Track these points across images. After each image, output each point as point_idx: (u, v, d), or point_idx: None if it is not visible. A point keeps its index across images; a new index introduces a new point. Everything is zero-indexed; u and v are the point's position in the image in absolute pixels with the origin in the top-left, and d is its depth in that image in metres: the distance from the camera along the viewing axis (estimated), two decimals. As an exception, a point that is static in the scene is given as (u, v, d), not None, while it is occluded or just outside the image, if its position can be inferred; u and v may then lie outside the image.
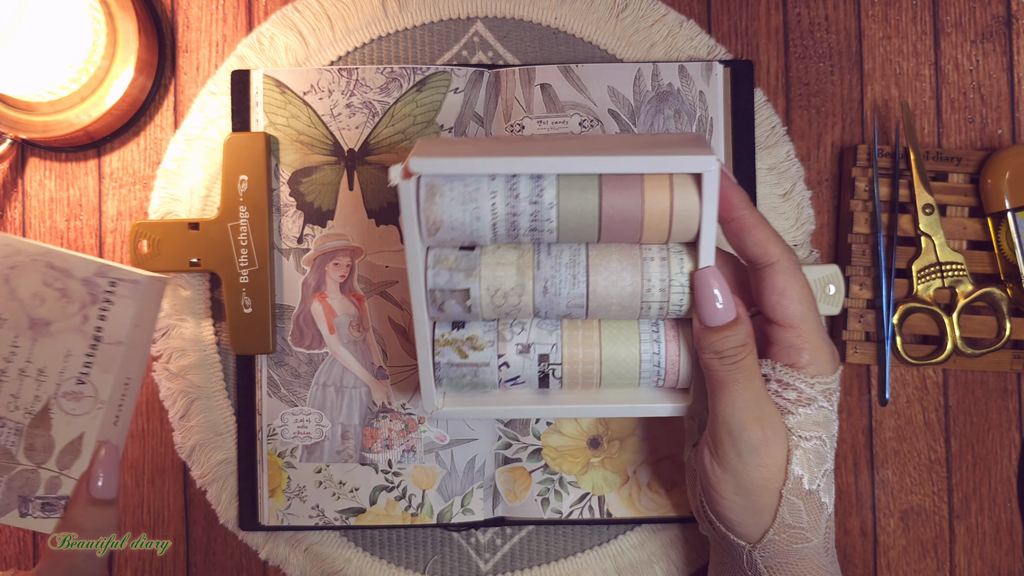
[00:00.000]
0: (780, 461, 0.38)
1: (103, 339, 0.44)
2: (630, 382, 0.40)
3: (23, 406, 0.43)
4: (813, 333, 0.39)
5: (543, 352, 0.39)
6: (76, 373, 0.44)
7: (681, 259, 0.39)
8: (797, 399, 0.39)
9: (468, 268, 0.38)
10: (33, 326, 0.43)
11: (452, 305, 0.38)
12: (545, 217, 0.37)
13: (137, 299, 0.44)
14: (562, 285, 0.38)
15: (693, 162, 0.36)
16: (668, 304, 0.39)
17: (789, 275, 0.38)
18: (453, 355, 0.39)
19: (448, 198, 0.36)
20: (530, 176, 0.37)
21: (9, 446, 0.43)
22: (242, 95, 0.51)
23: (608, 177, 0.37)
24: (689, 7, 0.53)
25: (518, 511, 0.51)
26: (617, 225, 0.37)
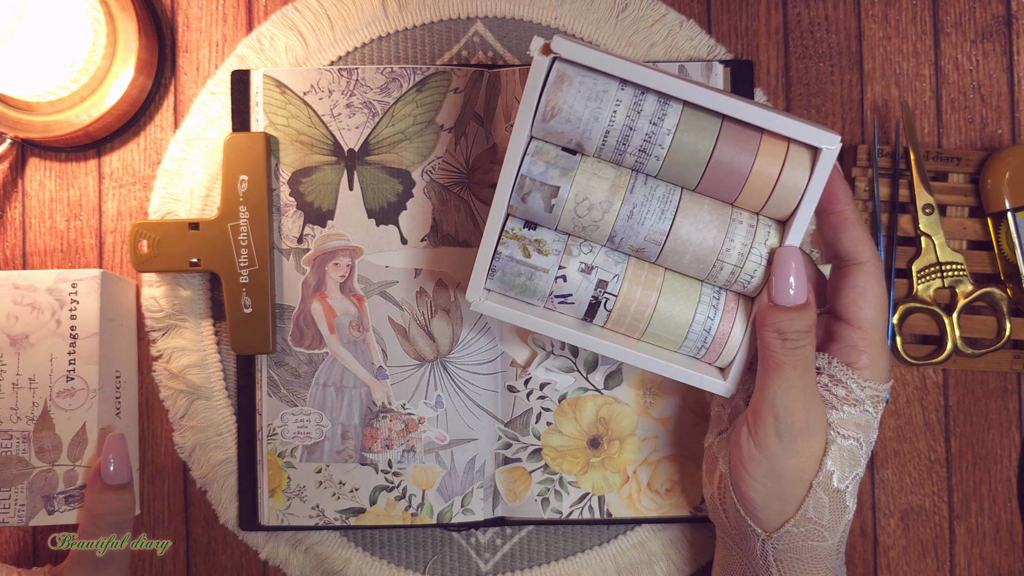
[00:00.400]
0: (817, 452, 0.38)
1: (79, 335, 0.47)
2: (672, 342, 0.40)
3: (24, 415, 0.47)
4: (878, 340, 0.39)
5: (604, 278, 0.39)
6: (64, 372, 0.47)
7: (768, 231, 0.38)
8: (845, 397, 0.39)
9: (565, 168, 0.37)
10: (14, 343, 0.47)
11: (536, 199, 0.38)
12: (658, 142, 0.36)
13: (99, 292, 0.47)
14: (648, 215, 0.37)
15: (818, 135, 0.36)
16: (740, 272, 0.38)
17: (872, 279, 0.39)
18: (517, 250, 0.39)
19: (576, 89, 0.36)
20: (658, 97, 0.36)
21: (21, 454, 0.47)
22: (242, 95, 0.51)
23: (729, 127, 0.37)
24: (689, 7, 0.53)
25: (518, 511, 0.51)
26: (722, 176, 0.37)
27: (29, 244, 0.53)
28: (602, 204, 0.37)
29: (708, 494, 0.45)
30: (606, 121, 0.36)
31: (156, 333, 0.52)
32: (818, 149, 0.37)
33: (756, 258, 0.38)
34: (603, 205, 0.37)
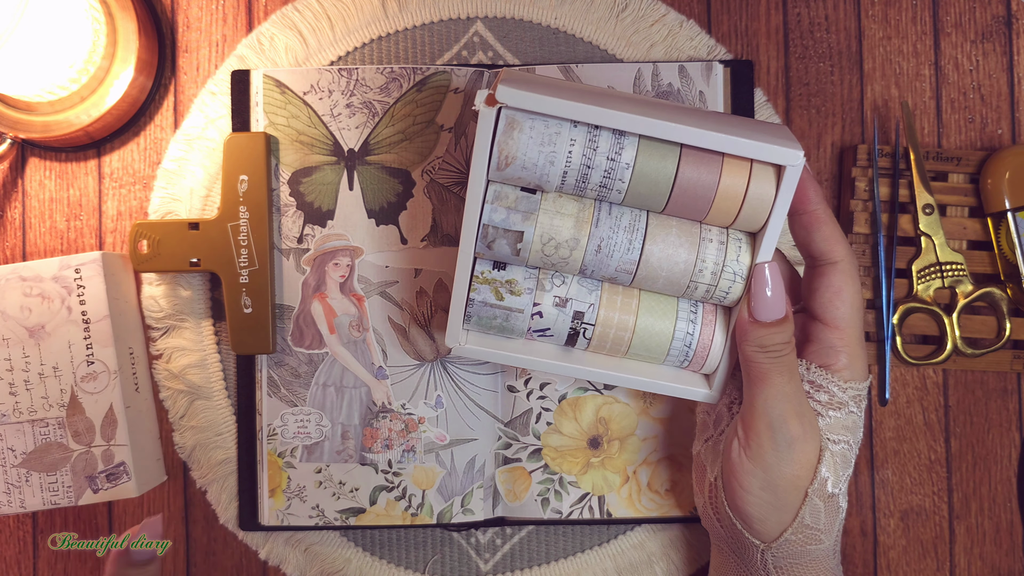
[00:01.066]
0: (812, 459, 0.38)
1: (91, 319, 0.49)
2: (656, 357, 0.40)
3: (55, 402, 0.49)
4: (855, 339, 0.39)
5: (579, 309, 0.39)
6: (84, 357, 0.49)
7: (739, 247, 0.38)
8: (828, 402, 0.39)
9: (527, 211, 0.37)
10: (32, 334, 0.48)
11: (502, 245, 0.37)
12: (618, 176, 0.36)
13: (103, 274, 0.49)
14: (616, 248, 0.37)
15: (780, 153, 0.35)
16: (715, 289, 0.38)
17: (848, 277, 0.39)
18: (489, 295, 0.38)
19: (527, 135, 0.35)
20: (613, 131, 0.36)
21: (59, 439, 0.49)
22: (242, 95, 0.51)
23: (689, 149, 0.36)
24: (689, 7, 0.53)
25: (518, 511, 0.51)
26: (687, 199, 0.37)
27: (29, 244, 0.53)
28: (568, 242, 0.37)
29: (700, 503, 0.45)
30: (562, 163, 0.36)
31: (156, 333, 0.52)
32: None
33: (729, 275, 0.38)
34: (570, 243, 0.37)
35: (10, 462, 0.49)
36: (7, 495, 0.49)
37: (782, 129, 0.38)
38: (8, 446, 0.49)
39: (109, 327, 0.49)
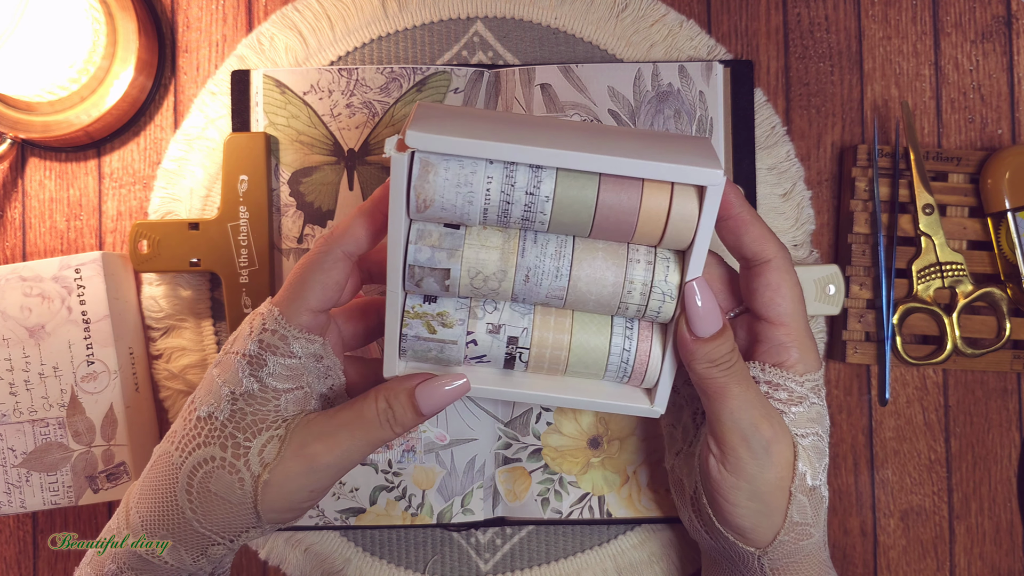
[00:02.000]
0: (789, 457, 0.38)
1: (91, 319, 0.49)
2: (595, 373, 0.40)
3: (55, 402, 0.49)
4: (802, 331, 0.39)
5: (513, 335, 0.39)
6: (84, 357, 0.49)
7: (667, 266, 0.38)
8: (789, 398, 0.39)
9: (451, 248, 0.37)
10: (32, 334, 0.49)
11: (430, 283, 0.37)
12: (539, 209, 0.36)
13: (103, 275, 0.49)
14: (544, 276, 0.37)
15: (700, 174, 0.35)
16: (646, 308, 0.38)
17: (783, 272, 0.38)
18: (421, 329, 0.38)
19: (443, 178, 0.35)
20: (529, 165, 0.36)
21: (60, 439, 0.49)
22: (242, 95, 0.51)
23: (608, 175, 0.36)
24: (689, 7, 0.53)
25: (518, 511, 0.51)
26: (610, 224, 0.37)
27: (29, 244, 0.53)
28: (496, 274, 0.37)
29: (685, 517, 0.45)
30: (481, 201, 0.36)
31: (156, 333, 0.52)
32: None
33: (659, 295, 0.38)
34: (497, 275, 0.37)
35: (10, 462, 0.49)
36: (7, 495, 0.49)
37: (703, 144, 0.38)
38: (8, 446, 0.49)
39: (109, 327, 0.49)
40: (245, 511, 0.37)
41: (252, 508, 0.37)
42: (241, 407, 0.37)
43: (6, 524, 0.53)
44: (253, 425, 0.37)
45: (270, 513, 0.37)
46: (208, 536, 0.38)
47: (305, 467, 0.37)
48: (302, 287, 0.37)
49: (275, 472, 0.37)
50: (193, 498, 0.37)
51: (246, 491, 0.37)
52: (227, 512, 0.37)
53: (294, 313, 0.37)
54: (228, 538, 0.38)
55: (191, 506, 0.37)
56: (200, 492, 0.37)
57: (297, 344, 0.37)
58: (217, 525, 0.37)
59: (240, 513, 0.37)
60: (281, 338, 0.37)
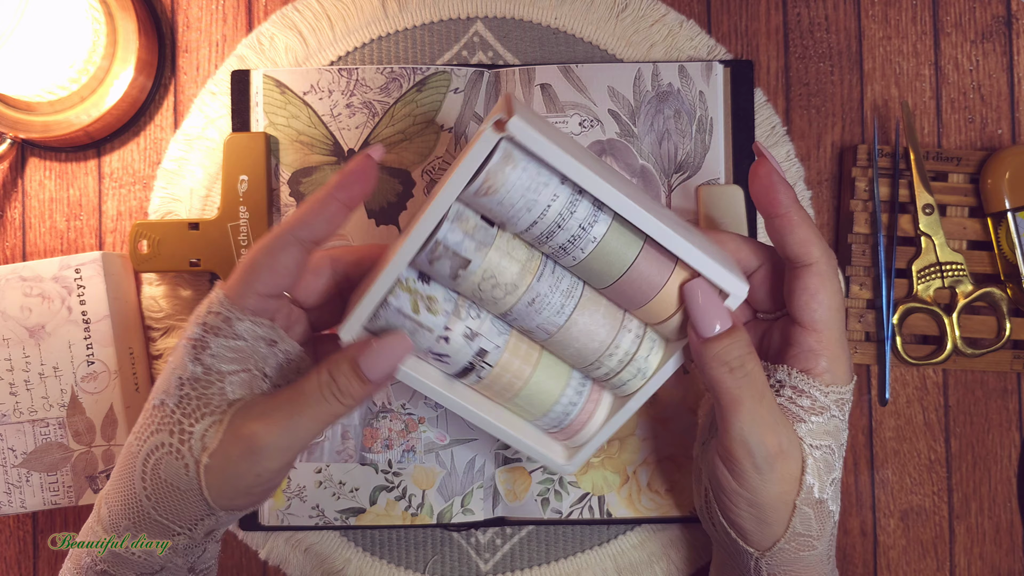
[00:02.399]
0: (796, 472, 0.38)
1: (91, 319, 0.49)
2: (534, 414, 0.40)
3: (55, 402, 0.49)
4: (835, 341, 0.38)
5: (485, 347, 0.38)
6: (84, 357, 0.49)
7: (652, 347, 0.39)
8: (811, 407, 0.38)
9: (482, 241, 0.36)
10: (32, 334, 0.49)
11: (444, 265, 0.36)
12: (582, 246, 0.36)
13: (103, 275, 0.49)
14: (547, 307, 0.37)
15: (729, 281, 0.36)
16: (615, 376, 0.39)
17: (825, 278, 0.38)
18: (406, 303, 0.37)
19: (517, 175, 0.34)
20: (593, 202, 0.36)
21: (60, 439, 0.49)
22: (242, 95, 0.51)
23: (651, 246, 0.37)
24: (689, 7, 0.53)
25: (518, 511, 0.51)
26: (630, 289, 0.37)
27: (29, 244, 0.53)
28: (507, 286, 0.36)
29: (698, 505, 0.45)
30: (537, 214, 0.35)
31: (156, 333, 0.52)
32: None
33: (634, 369, 0.38)
34: (508, 287, 0.36)
35: (11, 462, 0.49)
36: (7, 495, 0.49)
37: (728, 258, 0.39)
38: (8, 446, 0.49)
39: (109, 327, 0.49)
40: (194, 498, 0.37)
41: (199, 494, 0.37)
42: (187, 392, 0.37)
43: (6, 524, 0.53)
44: (197, 410, 0.36)
45: (219, 499, 0.37)
46: (167, 526, 0.37)
47: (244, 449, 0.36)
48: (249, 270, 0.37)
49: (215, 456, 0.36)
50: (148, 486, 0.37)
51: (191, 477, 0.36)
52: (178, 499, 0.37)
53: (239, 296, 0.37)
54: (186, 527, 0.37)
55: (147, 494, 0.37)
56: (153, 480, 0.37)
57: (241, 325, 0.37)
58: (172, 513, 0.37)
59: (190, 500, 0.37)
60: (224, 320, 0.37)
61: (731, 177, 0.51)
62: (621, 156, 0.51)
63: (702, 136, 0.51)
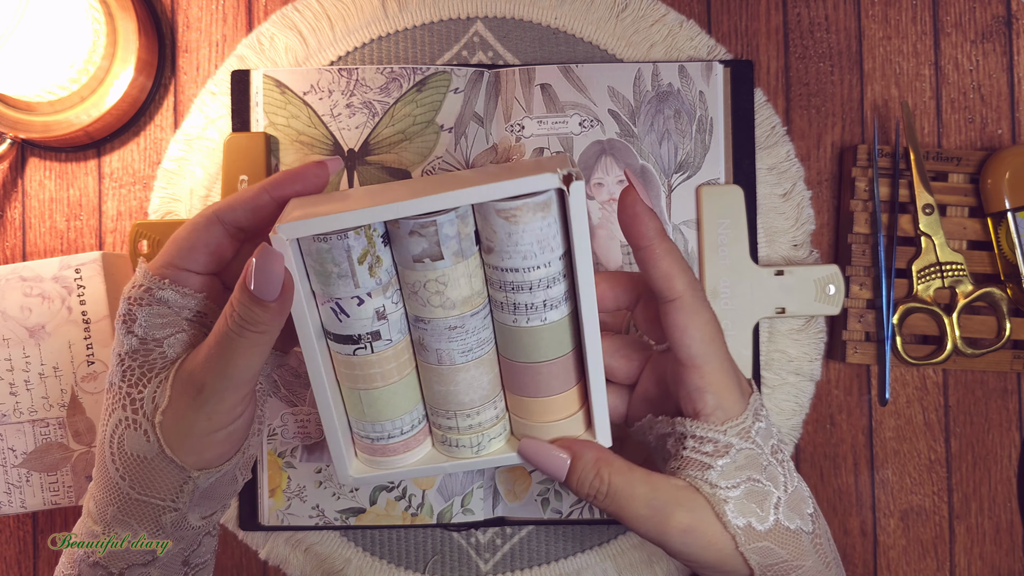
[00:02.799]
0: (716, 528, 0.37)
1: (91, 319, 0.49)
2: (367, 415, 0.39)
3: (55, 402, 0.49)
4: (717, 373, 0.37)
5: (382, 333, 0.37)
6: (84, 357, 0.49)
7: (500, 433, 0.40)
8: (715, 451, 0.37)
9: (462, 251, 0.35)
10: (32, 334, 0.48)
11: (419, 245, 0.35)
12: (530, 316, 0.36)
13: (103, 274, 0.49)
14: (459, 341, 0.37)
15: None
16: (457, 434, 0.39)
17: (691, 312, 0.36)
18: (357, 249, 0.35)
19: (540, 224, 0.34)
20: (567, 289, 0.37)
21: (60, 439, 0.49)
22: (242, 95, 0.51)
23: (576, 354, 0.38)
24: (689, 7, 0.53)
25: (518, 511, 0.51)
26: (529, 376, 0.38)
27: (29, 244, 0.53)
28: (446, 300, 0.36)
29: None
30: (526, 265, 0.35)
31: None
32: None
33: (475, 439, 0.39)
34: (446, 302, 0.36)
35: (11, 462, 0.49)
36: (8, 495, 0.49)
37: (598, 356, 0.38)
38: (9, 446, 0.49)
39: (109, 327, 0.49)
40: (162, 463, 0.37)
41: (165, 457, 0.36)
42: (128, 364, 0.37)
43: (6, 524, 0.53)
44: (143, 377, 0.37)
45: (186, 457, 0.36)
46: (148, 502, 0.37)
47: (189, 395, 0.36)
48: (170, 244, 0.38)
49: (167, 413, 0.36)
50: (119, 466, 0.37)
51: (152, 442, 0.36)
52: (148, 470, 0.37)
53: (159, 267, 0.37)
54: (168, 499, 0.37)
55: (120, 475, 0.37)
56: (121, 457, 0.37)
57: (163, 293, 0.37)
58: (147, 487, 0.37)
59: (159, 467, 0.37)
60: (146, 291, 0.37)
61: (731, 177, 0.51)
62: (621, 156, 0.51)
63: (702, 136, 0.51)
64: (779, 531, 0.37)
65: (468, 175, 0.37)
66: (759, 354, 0.52)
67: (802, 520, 0.38)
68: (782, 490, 0.38)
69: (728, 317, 0.51)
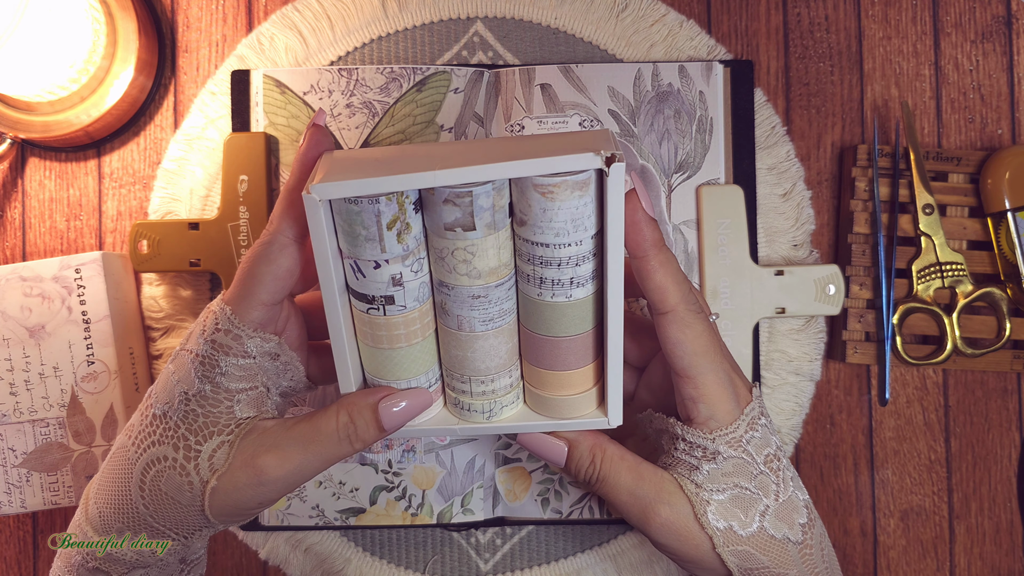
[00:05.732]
0: (695, 527, 0.37)
1: (91, 319, 0.49)
2: (383, 372, 0.38)
3: (55, 402, 0.49)
4: (710, 384, 0.37)
5: (396, 298, 0.36)
6: (84, 357, 0.49)
7: (514, 400, 0.40)
8: (703, 456, 0.38)
9: (494, 223, 0.35)
10: (32, 334, 0.49)
11: (452, 214, 0.34)
12: (555, 291, 0.36)
13: (103, 275, 0.49)
14: (480, 310, 0.36)
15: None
16: (470, 398, 0.39)
17: (683, 325, 0.36)
18: (387, 215, 0.34)
19: (577, 203, 0.34)
20: (595, 268, 0.36)
21: (60, 439, 0.49)
22: (242, 95, 0.51)
23: (597, 331, 0.38)
24: (689, 7, 0.53)
25: (518, 511, 0.51)
26: (550, 348, 0.38)
27: (29, 244, 0.53)
28: (472, 270, 0.35)
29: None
30: (557, 241, 0.35)
31: (156, 333, 0.52)
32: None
33: (487, 405, 0.39)
34: (472, 271, 0.36)
35: (11, 462, 0.49)
36: (8, 495, 0.49)
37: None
38: (9, 446, 0.49)
39: (109, 327, 0.49)
40: (194, 512, 0.37)
41: (201, 511, 0.37)
42: (193, 408, 0.36)
43: (6, 524, 0.53)
44: (205, 428, 0.36)
45: (219, 516, 0.37)
46: (162, 531, 0.37)
47: (253, 479, 0.36)
48: (252, 281, 0.36)
49: (223, 480, 0.36)
50: (146, 495, 0.37)
51: (195, 494, 0.36)
52: (177, 512, 0.37)
53: (246, 310, 0.36)
54: (182, 535, 0.38)
55: (144, 502, 0.37)
56: (152, 490, 0.37)
57: (251, 343, 0.36)
58: (169, 522, 0.37)
59: (190, 514, 0.37)
60: (234, 338, 0.36)
61: (731, 177, 0.51)
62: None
63: (702, 136, 0.51)
64: (762, 538, 0.38)
65: (511, 143, 0.37)
66: (759, 354, 0.52)
67: (791, 530, 0.38)
68: (772, 499, 0.38)
69: (728, 317, 0.51)
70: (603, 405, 0.39)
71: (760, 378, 0.52)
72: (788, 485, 0.39)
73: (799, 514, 0.38)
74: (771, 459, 0.38)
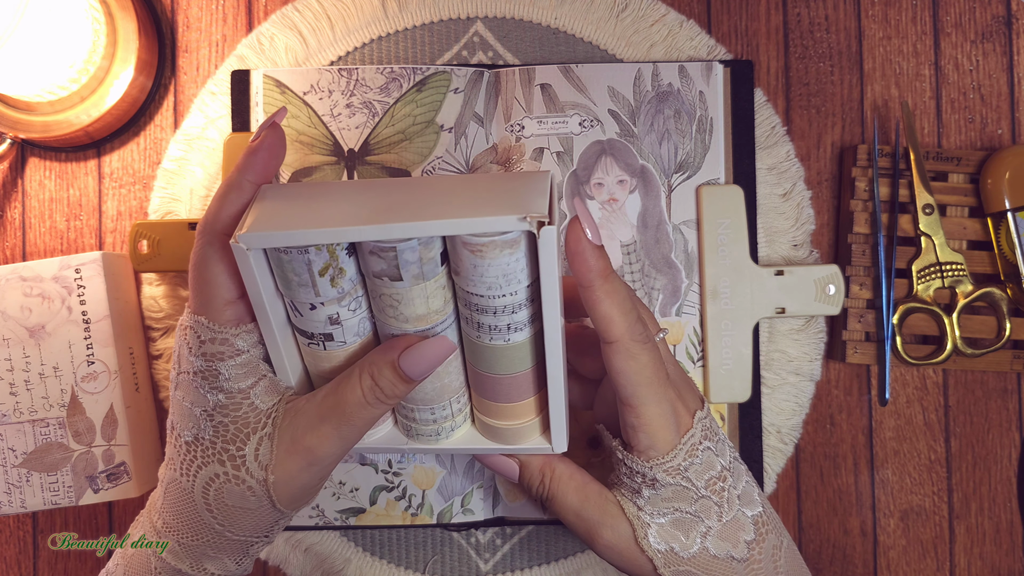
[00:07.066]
0: (636, 550, 0.38)
1: (91, 319, 0.49)
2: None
3: (55, 402, 0.49)
4: (651, 414, 0.37)
5: (335, 336, 0.37)
6: (84, 357, 0.49)
7: (463, 421, 0.41)
8: (643, 481, 0.38)
9: (422, 274, 0.35)
10: (32, 334, 0.49)
11: (378, 264, 0.34)
12: (492, 336, 0.36)
13: (103, 275, 0.49)
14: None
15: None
16: (419, 424, 0.40)
17: (627, 356, 0.36)
18: (318, 264, 0.34)
19: (507, 260, 0.34)
20: (531, 314, 0.37)
21: (60, 439, 0.49)
22: (242, 95, 0.51)
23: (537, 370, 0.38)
24: (689, 7, 0.53)
25: (518, 511, 0.51)
26: (492, 384, 0.39)
27: (29, 244, 0.53)
28: (400, 314, 0.36)
29: None
30: (491, 293, 0.35)
31: (156, 333, 0.52)
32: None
33: (435, 429, 0.40)
34: (399, 316, 0.36)
35: (11, 462, 0.49)
36: (8, 495, 0.49)
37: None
38: (9, 446, 0.49)
39: (109, 327, 0.49)
40: (266, 511, 0.38)
41: (271, 507, 0.38)
42: (220, 420, 0.37)
43: (6, 524, 0.53)
44: (239, 433, 0.37)
45: (289, 505, 0.38)
46: (245, 540, 0.39)
47: (305, 462, 0.37)
48: (209, 286, 0.36)
49: (278, 472, 0.37)
50: (216, 514, 0.37)
51: (259, 496, 0.37)
52: (251, 518, 0.38)
53: (217, 313, 0.36)
54: (263, 535, 0.39)
55: (217, 521, 0.37)
56: (219, 508, 0.37)
57: (239, 340, 0.36)
58: (248, 530, 0.38)
59: (262, 515, 0.38)
60: (221, 342, 0.36)
61: (731, 177, 0.51)
62: (621, 156, 0.51)
63: (702, 136, 0.51)
64: (704, 558, 0.38)
65: (457, 186, 0.36)
66: (759, 354, 0.52)
67: (735, 548, 0.38)
68: (715, 520, 0.38)
69: (728, 317, 0.51)
70: (547, 433, 0.40)
71: (760, 378, 0.52)
72: (734, 504, 0.39)
73: (745, 532, 0.39)
74: (714, 481, 0.39)
